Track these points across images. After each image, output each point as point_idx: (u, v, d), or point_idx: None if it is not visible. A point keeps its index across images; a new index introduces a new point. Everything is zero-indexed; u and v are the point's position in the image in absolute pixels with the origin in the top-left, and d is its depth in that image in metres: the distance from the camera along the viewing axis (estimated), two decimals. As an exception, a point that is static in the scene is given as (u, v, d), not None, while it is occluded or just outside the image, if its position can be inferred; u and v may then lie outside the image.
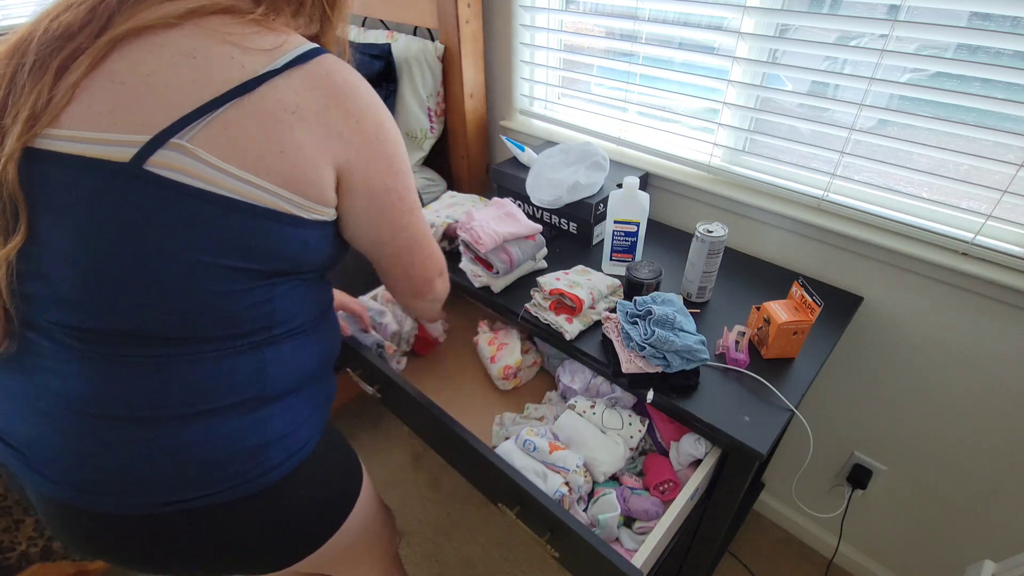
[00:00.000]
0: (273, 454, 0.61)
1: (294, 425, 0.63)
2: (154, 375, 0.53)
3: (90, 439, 0.54)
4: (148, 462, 0.54)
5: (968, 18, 0.86)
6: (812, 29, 1.03)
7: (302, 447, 0.64)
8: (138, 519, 0.56)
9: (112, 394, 0.53)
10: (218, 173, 0.50)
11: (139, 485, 0.55)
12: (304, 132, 0.53)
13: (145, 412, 0.54)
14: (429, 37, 1.49)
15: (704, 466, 0.87)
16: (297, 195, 0.55)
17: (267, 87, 0.52)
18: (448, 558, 1.46)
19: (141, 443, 0.54)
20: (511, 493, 0.86)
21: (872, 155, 0.98)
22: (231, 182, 0.51)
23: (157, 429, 0.54)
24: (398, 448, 1.75)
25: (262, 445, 0.60)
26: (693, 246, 0.99)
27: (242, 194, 0.51)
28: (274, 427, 0.61)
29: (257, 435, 0.59)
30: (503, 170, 1.30)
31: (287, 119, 0.52)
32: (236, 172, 0.51)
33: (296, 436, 0.63)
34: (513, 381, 1.20)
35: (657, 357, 0.84)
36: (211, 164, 0.50)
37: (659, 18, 1.16)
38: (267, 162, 0.52)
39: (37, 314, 0.53)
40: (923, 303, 1.01)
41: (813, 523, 1.44)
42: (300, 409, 0.64)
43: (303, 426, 0.65)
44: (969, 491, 1.12)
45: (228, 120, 0.50)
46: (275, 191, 0.53)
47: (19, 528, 1.07)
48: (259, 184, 0.52)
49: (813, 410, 1.28)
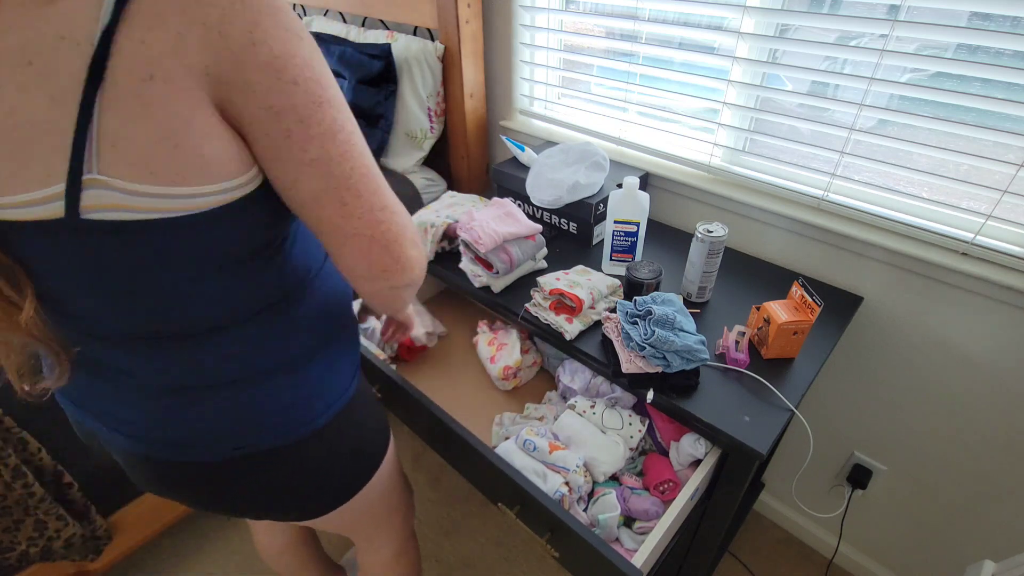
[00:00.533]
0: (318, 402, 0.65)
1: (333, 373, 0.67)
2: (200, 356, 0.57)
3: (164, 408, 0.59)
4: (214, 420, 0.59)
5: (968, 18, 0.86)
6: (812, 29, 1.03)
7: (343, 393, 0.68)
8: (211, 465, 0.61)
9: (171, 374, 0.57)
10: (142, 198, 0.44)
11: (208, 438, 0.60)
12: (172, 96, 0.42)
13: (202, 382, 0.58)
14: (429, 37, 1.49)
15: (704, 466, 0.87)
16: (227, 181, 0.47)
17: (114, 60, 0.40)
18: (448, 558, 1.46)
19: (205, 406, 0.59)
20: (511, 493, 0.86)
21: (872, 155, 0.98)
22: (157, 202, 0.44)
23: (216, 394, 0.59)
24: (398, 448, 1.75)
25: (307, 396, 0.64)
26: (693, 246, 0.99)
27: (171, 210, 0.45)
28: (315, 378, 0.64)
29: (304, 387, 0.63)
30: (503, 170, 1.30)
31: (152, 94, 0.41)
32: (154, 191, 0.44)
33: (336, 384, 0.67)
34: (513, 381, 1.20)
35: (657, 357, 0.84)
36: (131, 191, 0.43)
37: (659, 18, 1.16)
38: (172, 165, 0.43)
39: (83, 339, 0.56)
40: (923, 303, 1.01)
41: (813, 523, 1.44)
42: (334, 359, 0.67)
43: (340, 375, 0.68)
44: (969, 491, 1.12)
45: (106, 133, 0.41)
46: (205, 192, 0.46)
47: (19, 528, 1.07)
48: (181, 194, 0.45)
49: (813, 410, 1.28)
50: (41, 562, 1.15)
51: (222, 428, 0.60)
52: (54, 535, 1.11)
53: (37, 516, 1.08)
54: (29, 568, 1.16)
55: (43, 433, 1.10)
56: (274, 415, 0.62)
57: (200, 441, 0.60)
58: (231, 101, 0.45)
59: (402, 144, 1.54)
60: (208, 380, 0.58)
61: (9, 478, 1.02)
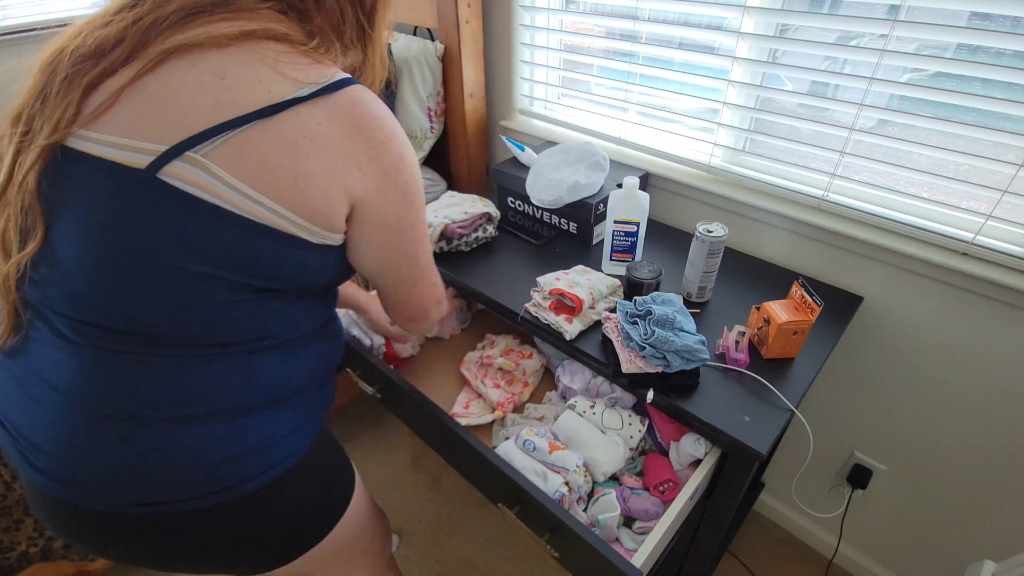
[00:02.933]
0: (251, 465, 0.60)
1: (278, 436, 0.62)
2: (143, 374, 0.54)
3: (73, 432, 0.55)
4: (125, 462, 0.55)
5: (968, 18, 0.86)
6: (812, 29, 1.03)
7: (286, 457, 0.63)
8: (115, 516, 0.57)
9: (99, 390, 0.54)
10: (228, 190, 0.51)
11: (114, 484, 0.55)
12: (321, 161, 0.54)
13: (128, 411, 0.54)
14: (429, 37, 1.49)
15: (704, 466, 0.87)
16: (304, 219, 0.55)
17: (290, 113, 0.52)
18: (448, 558, 1.46)
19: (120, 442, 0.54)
20: (511, 493, 0.86)
21: (872, 155, 0.98)
22: (240, 199, 0.51)
23: (138, 429, 0.55)
24: (398, 448, 1.75)
25: (241, 454, 0.59)
26: (693, 246, 0.99)
27: (249, 212, 0.52)
28: (255, 437, 0.60)
29: (237, 444, 0.58)
30: (503, 170, 1.30)
31: (305, 146, 0.53)
32: (246, 191, 0.51)
33: (281, 447, 0.62)
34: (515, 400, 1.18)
35: (657, 357, 0.84)
36: (223, 180, 0.50)
37: (659, 18, 1.16)
38: (278, 185, 0.53)
39: (44, 302, 0.55)
40: (923, 303, 1.01)
41: (813, 523, 1.44)
42: (287, 420, 0.63)
43: (289, 437, 0.63)
44: (969, 491, 1.12)
45: (245, 140, 0.51)
46: (282, 213, 0.54)
47: (19, 528, 1.07)
48: (267, 205, 0.53)
49: (813, 410, 1.28)
50: (41, 562, 1.15)
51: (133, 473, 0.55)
52: (54, 535, 1.11)
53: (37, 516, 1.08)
54: (29, 568, 1.16)
55: (43, 433, 1.10)
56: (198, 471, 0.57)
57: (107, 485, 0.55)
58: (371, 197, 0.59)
59: (402, 144, 1.54)
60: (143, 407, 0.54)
61: (9, 478, 1.02)
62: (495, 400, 1.13)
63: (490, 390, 1.15)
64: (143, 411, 0.54)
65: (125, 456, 0.55)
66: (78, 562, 1.21)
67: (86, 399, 0.54)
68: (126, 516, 0.56)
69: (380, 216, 0.61)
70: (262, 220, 0.53)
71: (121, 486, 0.55)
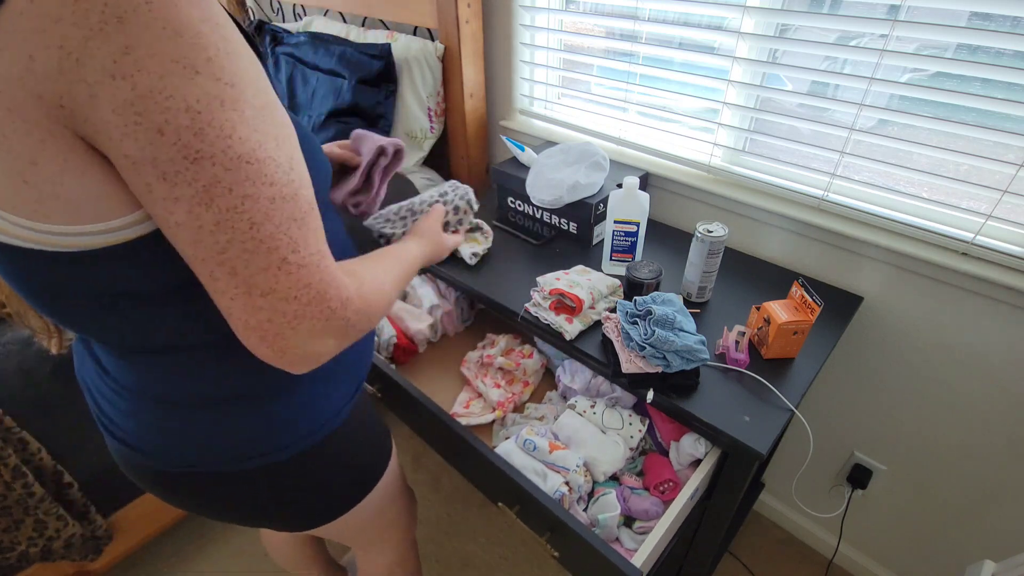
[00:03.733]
0: (284, 436, 0.60)
1: (311, 406, 0.62)
2: (150, 370, 0.55)
3: (126, 408, 0.58)
4: (169, 433, 0.57)
5: (968, 18, 0.86)
6: (812, 29, 1.03)
7: (322, 426, 0.63)
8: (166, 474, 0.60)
9: (132, 379, 0.56)
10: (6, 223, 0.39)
11: (161, 450, 0.58)
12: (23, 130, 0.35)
13: (160, 397, 0.56)
14: (429, 37, 1.49)
15: (704, 466, 0.87)
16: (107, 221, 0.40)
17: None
18: (448, 558, 1.46)
19: (162, 419, 0.57)
20: (511, 493, 0.86)
21: (872, 155, 0.98)
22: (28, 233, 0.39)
23: (171, 411, 0.57)
24: (398, 448, 1.75)
25: (268, 430, 0.60)
26: (693, 246, 0.99)
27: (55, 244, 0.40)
28: (282, 413, 0.60)
29: (262, 423, 0.59)
30: (503, 170, 1.30)
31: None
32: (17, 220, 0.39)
33: (313, 416, 0.62)
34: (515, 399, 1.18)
35: (657, 357, 0.84)
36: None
37: (659, 18, 1.16)
38: (28, 202, 0.38)
39: None
40: (923, 303, 1.01)
41: (813, 523, 1.44)
42: (319, 391, 0.62)
43: (322, 406, 0.63)
44: (969, 491, 1.12)
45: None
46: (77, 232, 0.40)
47: (19, 528, 1.07)
48: (55, 231, 0.39)
49: (813, 410, 1.28)
50: (41, 562, 1.15)
51: (171, 442, 0.58)
52: (54, 535, 1.11)
53: (37, 516, 1.08)
54: (29, 568, 1.16)
55: (43, 433, 1.10)
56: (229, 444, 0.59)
57: (151, 450, 0.58)
58: (95, 140, 0.37)
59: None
60: (166, 393, 0.55)
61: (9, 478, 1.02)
62: (495, 400, 1.13)
63: (490, 390, 1.15)
64: (170, 398, 0.56)
65: (167, 429, 0.57)
66: (78, 562, 1.21)
67: (126, 384, 0.56)
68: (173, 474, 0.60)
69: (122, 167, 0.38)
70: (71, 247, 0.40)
71: (166, 452, 0.58)
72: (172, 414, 0.57)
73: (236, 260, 0.40)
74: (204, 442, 0.58)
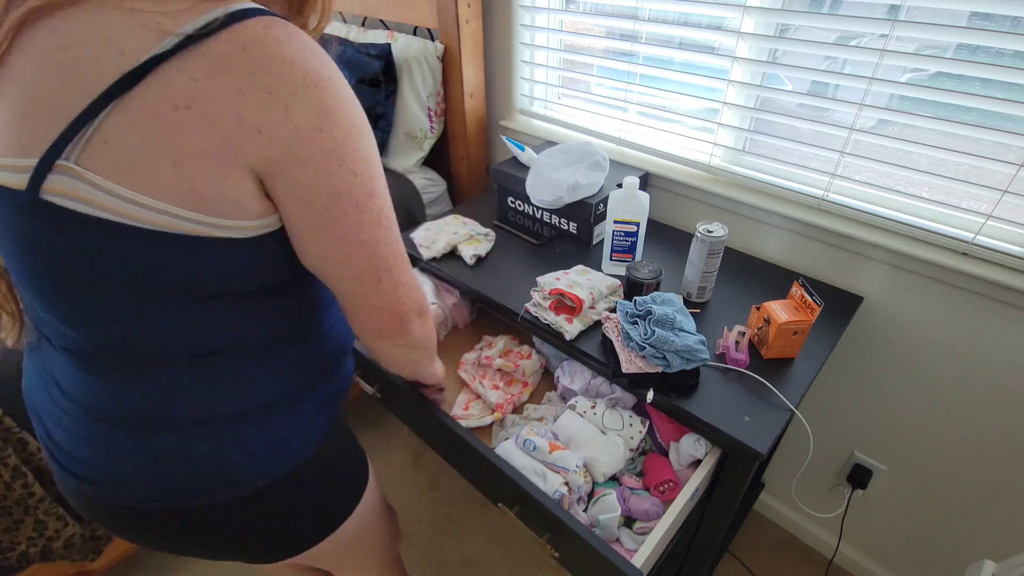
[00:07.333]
0: (250, 469, 0.59)
1: (278, 438, 0.61)
2: (130, 388, 0.54)
3: (85, 436, 0.56)
4: (133, 465, 0.56)
5: (968, 18, 0.86)
6: (812, 29, 1.03)
7: (288, 459, 0.62)
8: (129, 508, 0.58)
9: (98, 401, 0.54)
10: (109, 197, 0.43)
11: (124, 483, 0.56)
12: (203, 134, 0.42)
13: (129, 420, 0.55)
14: (429, 37, 1.49)
15: (704, 466, 0.86)
16: (204, 214, 0.45)
17: (154, 78, 0.41)
18: (448, 558, 1.46)
19: (126, 448, 0.55)
20: (511, 493, 0.86)
21: (872, 155, 0.98)
22: (124, 206, 0.43)
23: (139, 436, 0.55)
24: (398, 448, 1.75)
25: (238, 460, 0.58)
26: (693, 246, 0.99)
27: (137, 219, 0.44)
28: (253, 442, 0.59)
29: (234, 450, 0.58)
30: (503, 170, 1.30)
31: (178, 118, 0.42)
32: (126, 194, 0.43)
33: (281, 449, 0.61)
34: None
35: (657, 357, 0.84)
36: (101, 187, 0.42)
37: (659, 18, 1.16)
38: (159, 179, 0.43)
39: (36, 321, 0.56)
40: (923, 303, 1.01)
41: (813, 523, 1.44)
42: (287, 422, 0.61)
43: (291, 438, 0.62)
44: (969, 490, 1.12)
45: (107, 132, 0.41)
46: (175, 212, 0.44)
47: (19, 528, 1.07)
48: (154, 206, 0.43)
49: (813, 410, 1.28)
50: (41, 562, 1.15)
51: (137, 473, 0.56)
52: (54, 535, 1.11)
53: (37, 516, 1.08)
54: (29, 568, 1.16)
55: (43, 433, 1.10)
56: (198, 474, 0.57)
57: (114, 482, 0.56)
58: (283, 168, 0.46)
59: (402, 144, 1.54)
60: (137, 415, 0.54)
61: (9, 478, 1.02)
62: (494, 401, 1.13)
63: (489, 391, 1.15)
64: (141, 420, 0.55)
65: (133, 460, 0.55)
66: (78, 562, 1.21)
67: (90, 408, 0.55)
68: (137, 510, 0.58)
69: (303, 191, 0.48)
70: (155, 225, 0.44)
71: (130, 485, 0.56)
72: (143, 441, 0.55)
73: (394, 265, 0.57)
74: (173, 472, 0.56)
